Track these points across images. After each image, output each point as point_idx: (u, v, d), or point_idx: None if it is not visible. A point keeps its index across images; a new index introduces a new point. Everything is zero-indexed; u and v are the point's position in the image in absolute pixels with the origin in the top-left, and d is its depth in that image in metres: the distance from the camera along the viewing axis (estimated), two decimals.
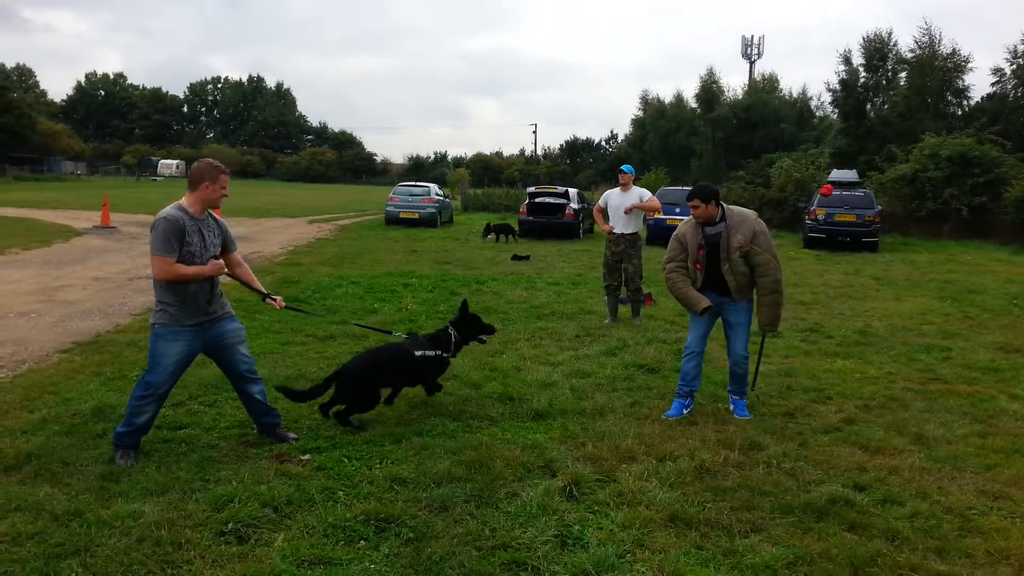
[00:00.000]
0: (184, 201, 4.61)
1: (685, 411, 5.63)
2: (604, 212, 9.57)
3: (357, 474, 4.41)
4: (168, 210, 4.55)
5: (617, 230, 9.25)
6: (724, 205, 5.56)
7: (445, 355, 5.71)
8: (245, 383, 4.88)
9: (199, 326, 4.63)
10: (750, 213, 5.58)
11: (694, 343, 5.72)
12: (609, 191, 9.71)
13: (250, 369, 4.91)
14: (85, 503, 3.91)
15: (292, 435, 4.98)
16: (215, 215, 4.82)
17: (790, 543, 3.70)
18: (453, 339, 5.78)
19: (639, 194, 9.32)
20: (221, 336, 4.74)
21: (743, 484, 4.38)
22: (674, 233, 5.69)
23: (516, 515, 3.93)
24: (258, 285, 5.03)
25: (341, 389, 5.26)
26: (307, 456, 4.68)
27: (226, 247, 4.84)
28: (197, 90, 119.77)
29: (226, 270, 4.68)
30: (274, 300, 5.05)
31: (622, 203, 9.27)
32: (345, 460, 4.60)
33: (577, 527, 3.82)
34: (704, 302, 5.45)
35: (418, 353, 5.51)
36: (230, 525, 3.71)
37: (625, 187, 9.32)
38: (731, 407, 5.76)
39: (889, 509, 4.10)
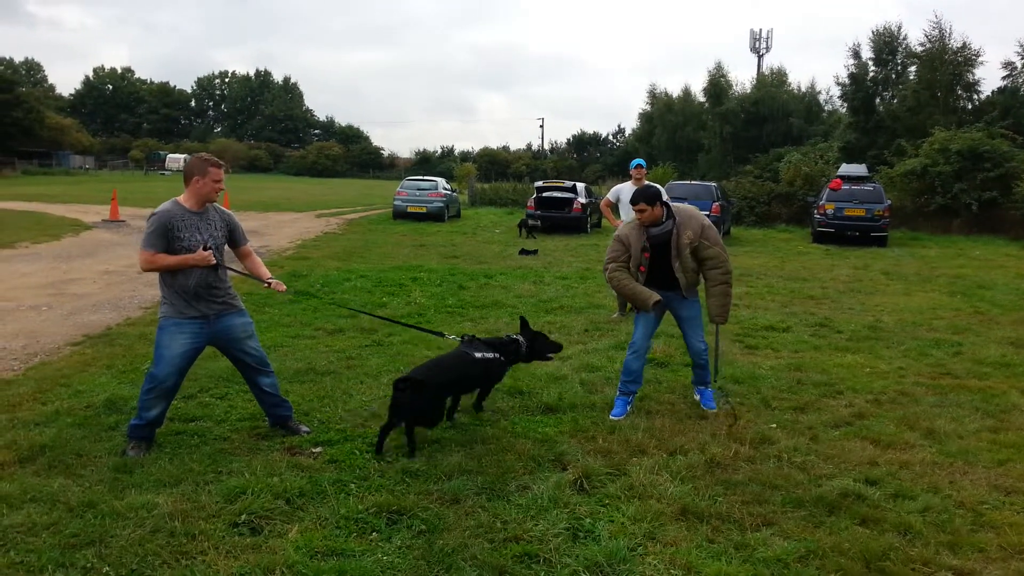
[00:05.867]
0: (181, 197, 4.67)
1: (628, 408, 5.53)
2: (613, 206, 9.52)
3: (369, 467, 4.43)
4: (163, 205, 4.61)
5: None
6: (669, 204, 5.52)
7: (504, 359, 5.34)
8: (256, 375, 4.90)
9: (204, 319, 4.64)
10: (694, 209, 5.62)
11: (641, 340, 5.60)
12: (620, 185, 9.64)
13: (260, 362, 4.92)
14: (99, 494, 3.93)
15: (304, 428, 5.00)
16: (222, 209, 4.83)
17: (802, 537, 3.69)
18: (521, 349, 5.47)
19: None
20: (228, 330, 4.76)
21: (754, 478, 4.38)
22: (615, 234, 5.63)
23: (527, 508, 3.94)
24: (260, 272, 4.96)
25: (407, 401, 4.61)
26: (319, 449, 4.69)
27: (235, 240, 4.86)
28: (204, 84, 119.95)
29: (214, 261, 4.62)
30: (270, 283, 4.91)
31: None
32: (356, 453, 4.61)
33: (588, 520, 3.83)
34: (654, 296, 5.37)
35: (478, 356, 5.13)
36: (243, 517, 3.73)
37: (638, 182, 9.25)
38: (697, 397, 5.73)
39: (901, 503, 4.09)
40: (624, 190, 9.38)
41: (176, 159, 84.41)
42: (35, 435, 4.74)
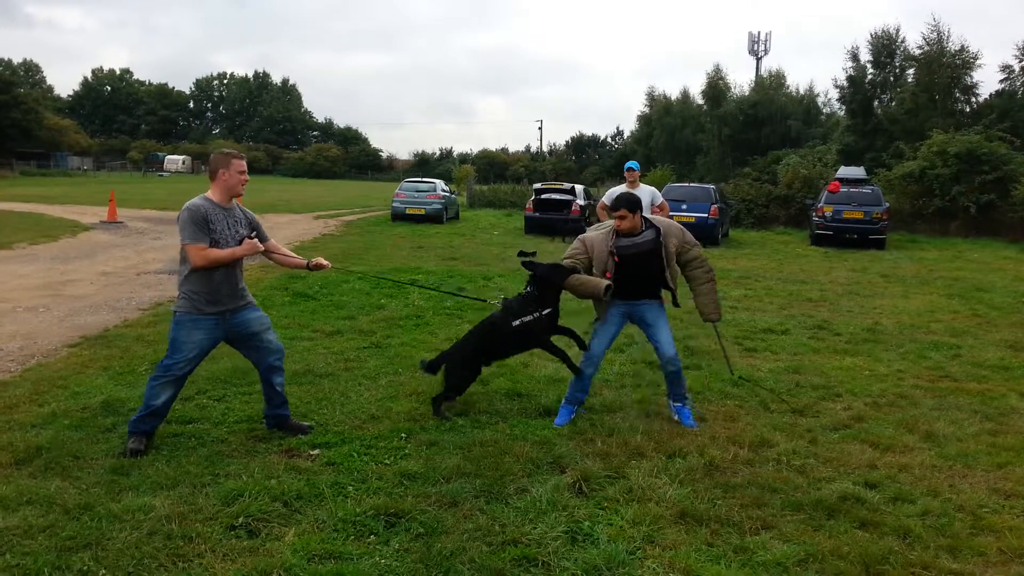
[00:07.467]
0: (209, 192, 4.72)
1: (572, 417, 5.42)
2: (608, 210, 9.51)
3: (366, 469, 4.41)
4: (192, 200, 4.65)
5: None
6: (647, 216, 5.46)
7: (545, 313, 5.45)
8: (272, 373, 4.93)
9: (220, 315, 4.68)
10: (663, 218, 5.61)
11: (599, 349, 5.48)
12: (615, 188, 9.65)
13: (280, 357, 4.97)
14: (96, 497, 3.91)
15: (306, 424, 5.03)
16: (243, 207, 4.90)
17: (801, 540, 3.69)
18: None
19: (650, 192, 9.28)
20: (245, 324, 4.80)
21: (753, 481, 4.37)
22: (580, 236, 5.52)
23: (526, 511, 3.93)
24: (295, 260, 5.06)
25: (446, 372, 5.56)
26: (316, 451, 4.68)
27: (259, 238, 4.90)
28: (203, 86, 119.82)
29: (261, 248, 4.78)
30: (319, 264, 5.01)
31: None
32: (354, 455, 4.60)
33: (587, 523, 3.82)
34: (604, 281, 5.21)
35: (516, 324, 5.39)
36: (240, 519, 3.72)
37: (632, 184, 9.28)
38: (675, 417, 5.47)
39: (900, 507, 4.08)
40: (619, 193, 9.37)
41: (174, 160, 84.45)
42: (32, 437, 4.72)
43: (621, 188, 9.41)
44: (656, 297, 5.44)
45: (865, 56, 35.81)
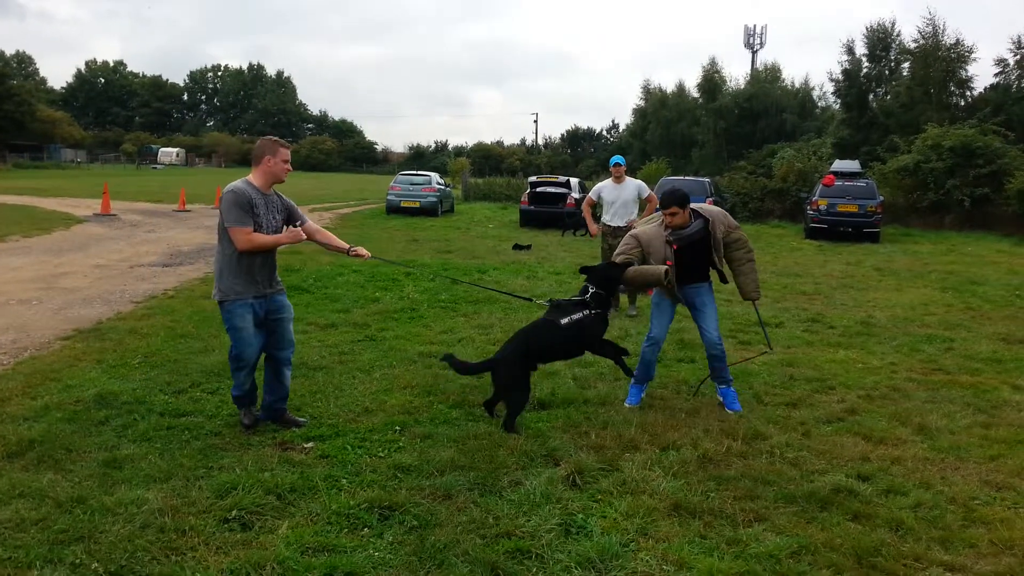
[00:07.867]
0: (250, 177, 4.76)
1: (642, 396, 5.74)
2: (595, 206, 9.54)
3: (360, 462, 4.41)
4: (235, 183, 4.68)
5: (613, 223, 9.22)
6: (692, 207, 5.61)
7: (595, 312, 5.34)
8: (282, 366, 4.98)
9: (262, 297, 4.78)
10: (709, 206, 5.81)
11: (661, 332, 5.73)
12: (601, 183, 9.67)
13: (293, 351, 5.07)
14: (88, 490, 3.91)
15: (301, 419, 5.02)
16: (281, 194, 4.94)
17: (794, 532, 3.70)
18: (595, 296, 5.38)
19: (636, 186, 9.28)
20: (279, 309, 4.90)
21: (746, 473, 4.38)
22: (631, 232, 5.68)
23: (520, 503, 3.93)
24: (339, 244, 5.10)
25: (496, 381, 5.26)
26: (310, 444, 4.68)
27: (295, 221, 4.93)
28: (197, 78, 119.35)
29: (304, 237, 4.85)
30: (357, 252, 5.08)
31: (617, 196, 9.23)
32: (348, 448, 4.60)
33: (581, 516, 3.82)
34: (661, 267, 5.39)
35: (564, 321, 5.25)
36: (234, 512, 3.71)
37: (619, 179, 9.28)
38: (721, 400, 5.63)
39: (893, 499, 4.10)
40: (605, 188, 9.39)
41: (168, 153, 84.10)
42: (24, 430, 4.70)
43: (607, 184, 9.43)
44: (705, 279, 5.69)
45: (860, 50, 35.96)
